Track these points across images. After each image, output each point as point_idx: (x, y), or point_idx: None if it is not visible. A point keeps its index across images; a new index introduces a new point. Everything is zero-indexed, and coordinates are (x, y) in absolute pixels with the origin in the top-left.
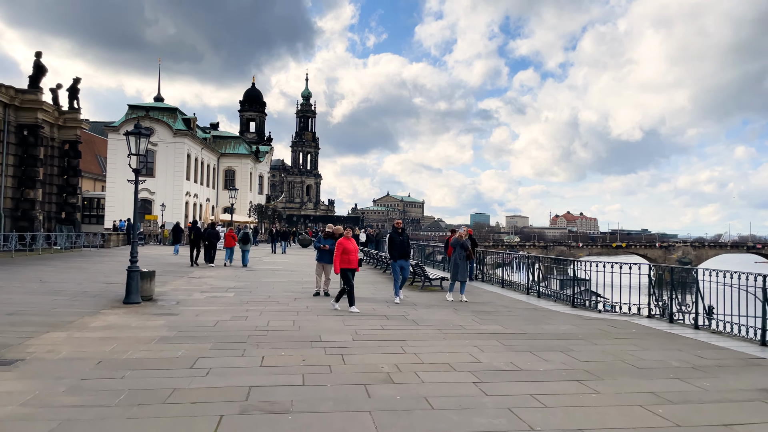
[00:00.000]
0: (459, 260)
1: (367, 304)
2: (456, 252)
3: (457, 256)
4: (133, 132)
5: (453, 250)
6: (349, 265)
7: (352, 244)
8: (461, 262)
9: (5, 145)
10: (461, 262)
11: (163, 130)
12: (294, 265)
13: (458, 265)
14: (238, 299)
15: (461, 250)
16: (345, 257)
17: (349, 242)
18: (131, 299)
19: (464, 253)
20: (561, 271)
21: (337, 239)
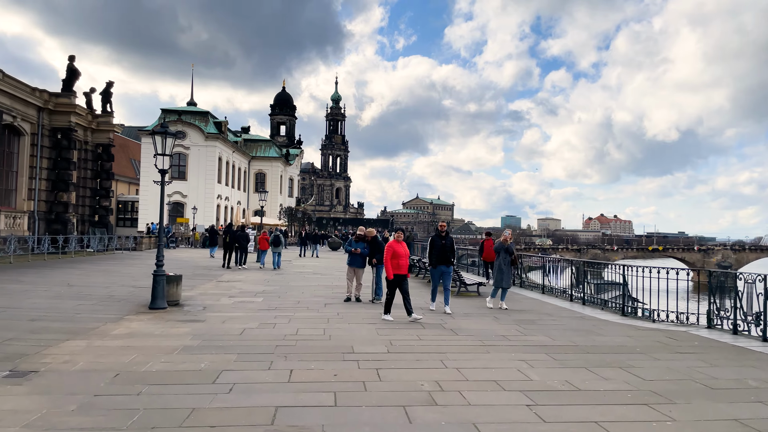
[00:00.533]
0: (504, 266)
1: (401, 311)
2: (500, 257)
3: (501, 262)
4: (159, 131)
5: (496, 255)
6: (399, 270)
7: (403, 247)
8: (506, 268)
9: (39, 148)
10: (506, 268)
11: (195, 134)
12: (323, 269)
13: (503, 270)
14: (267, 305)
15: (506, 254)
16: (395, 262)
17: (399, 246)
18: (157, 304)
19: (509, 258)
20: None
21: (369, 242)
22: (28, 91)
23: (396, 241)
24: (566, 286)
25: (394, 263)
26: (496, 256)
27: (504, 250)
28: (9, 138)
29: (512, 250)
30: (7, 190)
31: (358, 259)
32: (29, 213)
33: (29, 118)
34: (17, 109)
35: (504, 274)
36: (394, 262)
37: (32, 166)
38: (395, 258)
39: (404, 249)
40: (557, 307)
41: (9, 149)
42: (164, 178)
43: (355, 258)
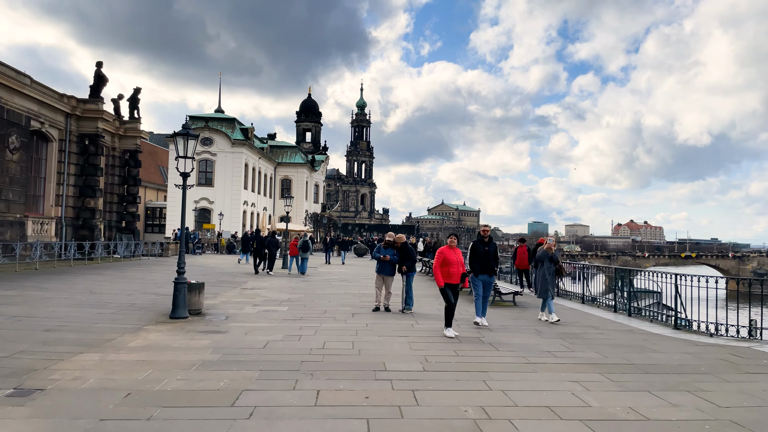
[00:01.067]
0: (548, 275)
1: (434, 322)
2: (544, 266)
3: (546, 271)
4: (181, 133)
5: (539, 264)
6: (450, 279)
7: (456, 254)
8: (551, 278)
9: (67, 154)
10: (551, 278)
11: (222, 140)
12: (350, 276)
13: (548, 281)
14: (292, 314)
15: (550, 264)
16: (446, 270)
17: (451, 252)
18: (178, 314)
19: (554, 267)
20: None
21: (398, 249)
22: (56, 98)
23: (449, 246)
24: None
25: (445, 271)
26: (538, 265)
27: (548, 259)
28: (37, 144)
29: (557, 259)
30: (35, 196)
31: (388, 266)
32: (57, 219)
33: (57, 124)
34: (45, 115)
35: (549, 284)
36: (445, 270)
37: (60, 172)
38: (446, 265)
39: (457, 256)
40: (601, 318)
41: (37, 155)
42: (186, 182)
43: (384, 265)
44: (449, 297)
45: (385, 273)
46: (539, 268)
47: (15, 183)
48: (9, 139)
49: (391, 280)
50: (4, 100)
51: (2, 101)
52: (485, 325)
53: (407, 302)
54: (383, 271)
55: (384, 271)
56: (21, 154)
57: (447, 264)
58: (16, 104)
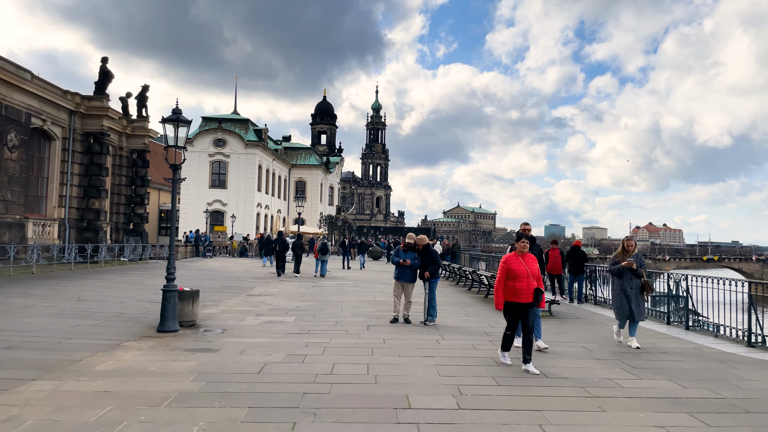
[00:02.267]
0: (630, 290)
1: (462, 338)
2: (624, 279)
3: (626, 285)
4: (171, 118)
5: (620, 275)
6: (517, 296)
7: (527, 263)
8: (635, 294)
9: (70, 153)
10: (635, 294)
11: (235, 142)
12: (365, 281)
13: (630, 297)
14: (298, 326)
15: (631, 276)
16: (511, 285)
17: (519, 261)
18: (166, 327)
19: (638, 281)
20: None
21: (420, 252)
22: (59, 94)
23: (516, 254)
24: None
25: (510, 287)
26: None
27: (630, 270)
28: (39, 142)
29: (641, 263)
30: (36, 197)
31: (408, 272)
32: (60, 221)
33: (60, 121)
34: (47, 112)
35: (633, 301)
36: (510, 285)
37: (63, 171)
38: (512, 279)
39: (529, 265)
40: (655, 332)
41: (39, 154)
42: (176, 175)
43: (404, 271)
44: (512, 320)
45: (405, 279)
46: (614, 281)
47: (14, 182)
48: (7, 137)
49: (411, 287)
50: (1, 96)
51: (0, 97)
52: (545, 348)
53: (430, 313)
54: (403, 277)
55: (404, 278)
56: (21, 152)
57: (514, 277)
58: (16, 100)
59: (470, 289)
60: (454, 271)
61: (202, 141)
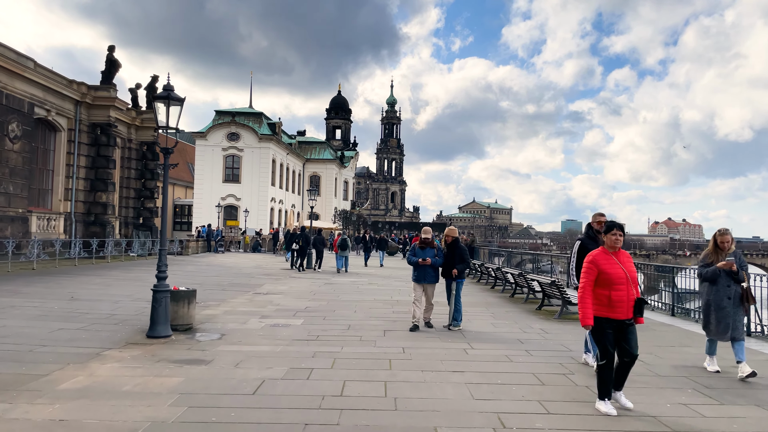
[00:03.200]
0: (727, 299)
1: (493, 346)
2: (719, 285)
3: (722, 293)
4: (161, 96)
5: (712, 281)
6: (612, 311)
7: (623, 262)
8: (732, 305)
9: (77, 144)
10: (732, 305)
11: (249, 135)
12: (381, 278)
13: (725, 309)
14: (306, 331)
15: (728, 281)
16: (603, 293)
17: (611, 260)
18: (156, 332)
19: (737, 288)
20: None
21: (448, 247)
22: (63, 83)
23: (605, 250)
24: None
25: (602, 297)
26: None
27: (727, 274)
28: (44, 134)
29: (742, 263)
30: (42, 190)
31: (429, 272)
32: (66, 215)
33: (65, 112)
34: (51, 102)
35: (731, 315)
36: (602, 293)
37: (69, 164)
38: (605, 286)
39: (626, 266)
40: None
41: (44, 146)
42: (168, 161)
43: (424, 271)
44: (607, 345)
45: (427, 281)
46: (708, 291)
47: (16, 175)
48: (8, 127)
49: (433, 288)
50: (2, 84)
51: (0, 85)
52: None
53: (455, 317)
54: (424, 278)
55: (425, 279)
56: (23, 143)
57: (607, 283)
58: (17, 89)
59: (493, 288)
60: (476, 268)
61: (216, 135)
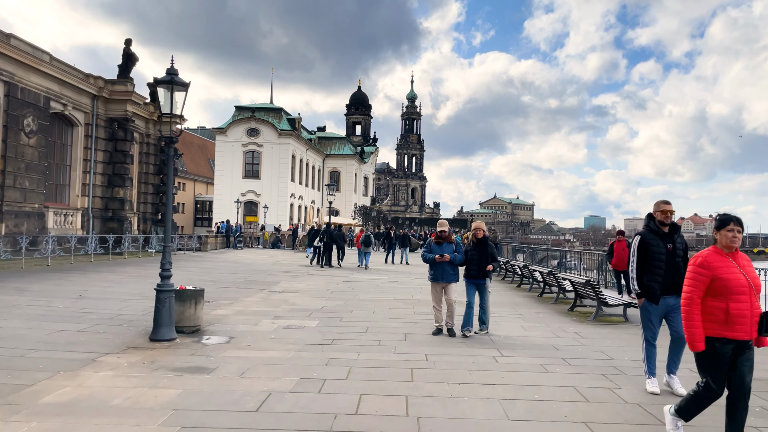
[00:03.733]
0: None
1: (526, 353)
2: None
3: None
4: (164, 80)
5: None
6: (731, 329)
7: (742, 265)
8: None
9: (93, 139)
10: None
11: (268, 131)
12: (400, 275)
13: None
14: (320, 334)
15: None
16: (719, 307)
17: (732, 266)
18: (159, 335)
19: None
20: None
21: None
22: (80, 77)
23: (716, 249)
24: None
25: (716, 309)
26: None
27: None
28: (61, 128)
29: None
30: (59, 186)
31: (448, 269)
32: (83, 210)
33: (82, 106)
34: (68, 97)
35: None
36: (717, 306)
37: (86, 159)
38: (720, 297)
39: (746, 270)
40: None
41: (61, 141)
42: (171, 151)
43: (441, 269)
44: (720, 374)
45: (446, 279)
46: None
47: (32, 170)
48: (24, 121)
49: (454, 288)
50: (17, 78)
51: (15, 79)
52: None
53: (482, 320)
54: (442, 277)
55: (443, 277)
56: (39, 138)
57: (722, 293)
58: (33, 83)
59: (519, 286)
60: (501, 266)
61: (236, 131)
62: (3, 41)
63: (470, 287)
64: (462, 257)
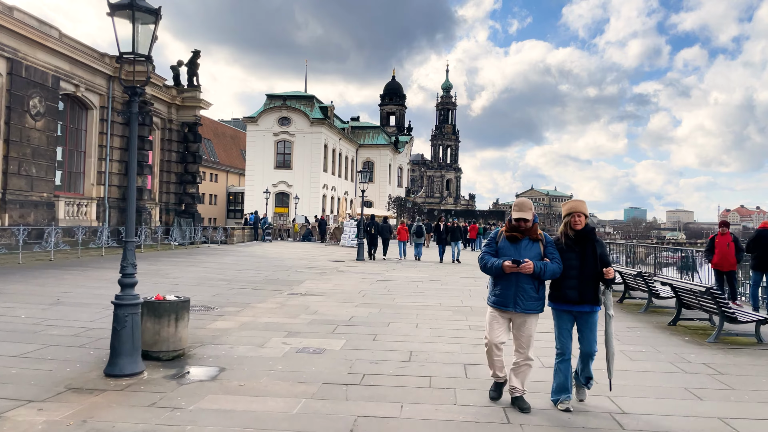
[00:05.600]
0: None
1: None
2: None
3: None
4: (121, 4)
5: None
6: None
7: None
8: None
9: (109, 124)
10: None
11: (300, 120)
12: (442, 272)
13: None
14: (346, 364)
15: None
16: None
17: None
18: (117, 368)
19: None
20: None
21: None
22: (94, 57)
23: None
24: None
25: None
26: None
27: None
28: (73, 111)
29: None
30: (72, 173)
31: (527, 289)
32: (98, 200)
33: (96, 88)
34: (80, 77)
35: None
36: None
37: (102, 145)
38: None
39: None
40: None
41: (74, 125)
42: (136, 107)
43: (513, 286)
44: None
45: (522, 307)
46: None
47: (40, 156)
48: (29, 102)
49: (533, 324)
50: (21, 54)
51: (19, 55)
52: None
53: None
54: (515, 301)
55: (517, 303)
56: (48, 120)
57: None
58: (40, 61)
59: (622, 301)
60: None
61: (267, 120)
62: (5, 13)
63: (565, 321)
64: (559, 267)
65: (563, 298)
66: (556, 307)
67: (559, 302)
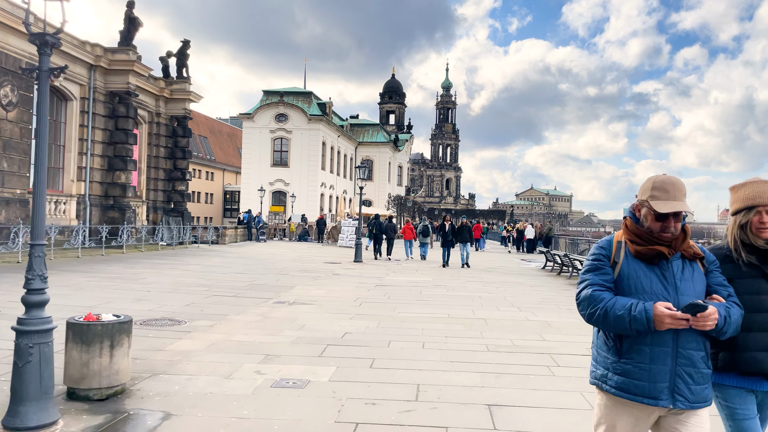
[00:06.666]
0: None
1: None
2: None
3: None
4: None
5: None
6: None
7: None
8: None
9: (91, 116)
10: None
11: (297, 116)
12: (446, 275)
13: None
14: (334, 406)
15: None
16: None
17: None
18: (19, 418)
19: None
20: None
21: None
22: (74, 44)
23: None
24: None
25: None
26: None
27: None
28: (52, 102)
29: None
30: (51, 169)
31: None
32: (78, 197)
33: (77, 78)
34: (57, 65)
35: None
36: None
37: (83, 138)
38: None
39: None
40: None
41: (53, 117)
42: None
43: (670, 359)
44: None
45: (688, 400)
46: None
47: (12, 149)
48: (0, 91)
49: (705, 424)
50: None
51: None
52: None
53: None
54: (660, 387)
55: (661, 392)
56: (21, 111)
57: None
58: (11, 46)
59: None
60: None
61: (263, 116)
62: None
63: (745, 407)
64: (741, 311)
65: (745, 365)
66: (730, 382)
67: (734, 373)
